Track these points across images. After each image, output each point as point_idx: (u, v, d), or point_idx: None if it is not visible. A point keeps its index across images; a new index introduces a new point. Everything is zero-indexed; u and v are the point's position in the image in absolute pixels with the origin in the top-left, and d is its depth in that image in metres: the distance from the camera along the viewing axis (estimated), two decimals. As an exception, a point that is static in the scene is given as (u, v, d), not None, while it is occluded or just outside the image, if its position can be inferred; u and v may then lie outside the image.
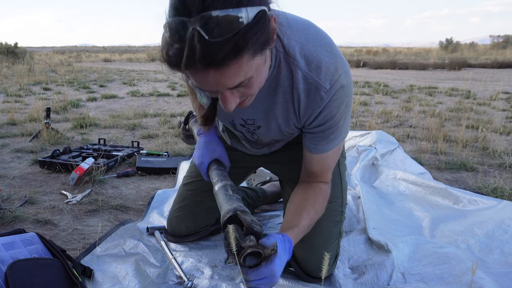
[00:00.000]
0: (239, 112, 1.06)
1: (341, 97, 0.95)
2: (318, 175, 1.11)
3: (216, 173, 1.12)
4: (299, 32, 0.93)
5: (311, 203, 1.07)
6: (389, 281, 1.20)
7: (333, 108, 0.96)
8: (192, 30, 0.67)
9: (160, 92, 6.19)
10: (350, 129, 3.26)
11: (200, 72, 0.71)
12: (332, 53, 0.93)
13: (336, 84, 0.93)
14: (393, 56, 19.25)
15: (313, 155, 1.07)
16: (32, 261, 1.11)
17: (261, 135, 1.13)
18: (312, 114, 0.97)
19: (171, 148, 2.80)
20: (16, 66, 10.76)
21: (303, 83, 0.93)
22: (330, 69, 0.92)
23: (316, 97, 0.94)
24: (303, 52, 0.92)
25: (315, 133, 1.02)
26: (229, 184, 1.05)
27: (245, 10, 0.68)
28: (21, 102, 5.11)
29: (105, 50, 43.26)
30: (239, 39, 0.68)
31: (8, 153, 2.71)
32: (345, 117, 1.00)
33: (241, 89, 0.80)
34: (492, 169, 2.35)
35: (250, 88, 0.80)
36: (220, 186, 1.05)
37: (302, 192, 1.11)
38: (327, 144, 1.03)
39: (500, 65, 12.16)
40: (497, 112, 4.36)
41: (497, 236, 1.43)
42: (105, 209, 1.79)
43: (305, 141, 1.07)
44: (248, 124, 1.09)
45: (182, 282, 1.20)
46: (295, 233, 1.01)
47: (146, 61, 18.41)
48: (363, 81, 7.79)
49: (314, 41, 0.93)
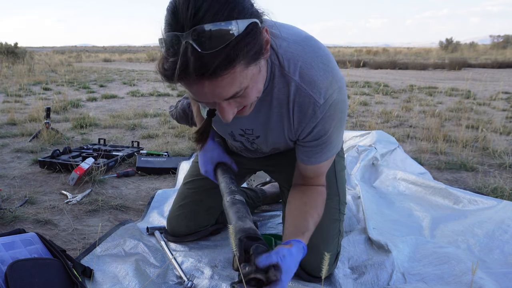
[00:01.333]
0: (238, 123, 1.07)
1: (335, 112, 0.95)
2: (313, 180, 1.12)
3: (222, 180, 1.12)
4: (295, 45, 0.93)
5: (313, 207, 1.08)
6: (389, 281, 1.20)
7: (327, 123, 0.96)
8: (185, 43, 0.70)
9: (160, 92, 6.19)
10: (350, 129, 3.26)
11: (195, 83, 0.74)
12: (328, 68, 0.93)
13: (330, 99, 0.93)
14: (393, 56, 19.25)
15: (307, 166, 1.08)
16: (32, 261, 1.11)
17: (261, 144, 1.13)
18: (306, 129, 0.98)
19: (171, 148, 2.80)
20: (16, 66, 10.77)
21: (297, 97, 0.94)
22: (324, 84, 0.92)
23: (309, 111, 0.94)
24: (298, 65, 0.92)
25: (309, 147, 1.03)
26: (237, 197, 1.04)
27: (235, 23, 0.71)
28: (21, 102, 5.11)
29: (105, 50, 43.26)
30: (230, 50, 0.70)
31: (8, 153, 2.71)
32: (338, 131, 1.01)
33: (238, 99, 0.81)
34: (492, 169, 2.35)
35: (247, 97, 0.81)
36: (228, 200, 1.04)
37: (301, 196, 1.11)
38: (320, 157, 1.04)
39: (500, 65, 12.16)
40: (497, 112, 4.36)
41: (497, 236, 1.43)
42: (105, 209, 1.79)
43: (298, 153, 1.08)
44: (247, 134, 1.10)
45: (182, 282, 1.21)
46: (306, 236, 1.01)
47: (146, 61, 18.41)
48: (363, 81, 7.79)
49: (310, 54, 0.93)
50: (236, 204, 1.01)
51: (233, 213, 0.98)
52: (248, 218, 0.96)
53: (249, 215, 0.99)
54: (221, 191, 1.10)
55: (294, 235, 0.99)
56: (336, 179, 1.27)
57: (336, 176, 1.27)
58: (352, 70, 11.48)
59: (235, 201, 1.02)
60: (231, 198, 1.03)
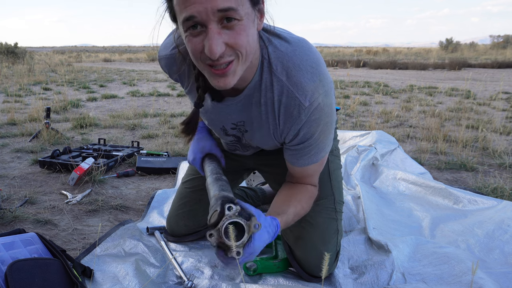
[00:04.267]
0: (228, 118, 1.08)
1: (321, 116, 0.95)
2: (302, 179, 1.13)
3: (208, 168, 1.13)
4: (288, 45, 0.94)
5: (297, 199, 1.09)
6: (389, 281, 1.20)
7: (312, 127, 0.96)
8: None
9: (160, 92, 6.19)
10: (350, 129, 3.26)
11: None
12: (316, 71, 0.93)
13: (315, 103, 0.93)
14: (393, 56, 19.26)
15: (295, 168, 1.09)
16: (32, 261, 1.11)
17: (249, 139, 1.14)
18: (291, 131, 0.98)
19: (171, 148, 2.80)
20: (16, 66, 10.77)
21: (283, 97, 0.94)
22: (310, 87, 0.92)
23: (294, 112, 0.95)
24: (286, 65, 0.92)
25: (295, 150, 1.03)
26: (221, 177, 1.05)
27: None
28: (21, 102, 5.11)
29: (105, 50, 43.25)
30: None
31: (8, 153, 2.71)
32: (325, 135, 1.00)
33: (227, 32, 0.80)
34: (492, 169, 2.35)
35: (238, 35, 0.80)
36: (211, 179, 1.05)
37: (288, 190, 1.13)
38: (307, 160, 1.05)
39: (500, 65, 12.15)
40: (497, 112, 4.36)
41: (497, 236, 1.43)
42: (105, 209, 1.79)
43: (286, 155, 1.09)
44: (239, 126, 1.11)
45: (182, 282, 1.21)
46: (283, 219, 1.01)
47: (146, 61, 18.41)
48: (363, 81, 7.79)
49: (299, 56, 0.93)
50: (222, 180, 1.02)
51: (218, 185, 0.98)
52: (231, 193, 0.96)
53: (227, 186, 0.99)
54: (206, 174, 1.11)
55: (271, 214, 1.02)
56: (330, 178, 1.27)
57: (330, 175, 1.27)
58: (352, 70, 11.48)
59: (221, 178, 1.03)
60: (216, 176, 1.04)
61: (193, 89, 1.07)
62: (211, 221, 0.85)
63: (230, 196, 0.90)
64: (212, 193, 0.96)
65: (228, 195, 0.90)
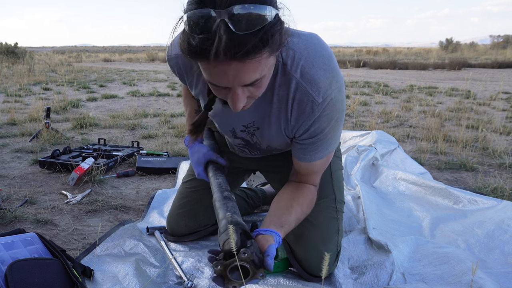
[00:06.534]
0: (240, 120, 1.07)
1: (333, 112, 0.96)
2: (306, 177, 1.13)
3: (215, 182, 1.13)
4: (299, 42, 0.93)
5: (299, 203, 1.09)
6: (389, 281, 1.20)
7: (323, 122, 0.97)
8: (220, 21, 0.68)
9: (160, 92, 6.19)
10: (350, 129, 3.26)
11: (221, 63, 0.73)
12: (329, 68, 0.93)
13: (328, 99, 0.93)
14: (393, 56, 19.25)
15: (301, 163, 1.09)
16: (32, 261, 1.11)
17: (259, 137, 1.13)
18: (303, 126, 0.99)
19: (171, 148, 2.80)
20: (16, 66, 10.77)
21: (297, 94, 0.94)
22: (324, 83, 0.92)
23: (307, 109, 0.95)
24: (300, 62, 0.92)
25: (304, 144, 1.03)
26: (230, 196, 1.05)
27: (269, 8, 0.71)
28: (21, 102, 5.11)
29: (105, 50, 43.25)
30: (264, 35, 0.70)
31: (8, 153, 2.71)
32: (334, 131, 1.01)
33: (251, 89, 0.81)
34: (492, 169, 2.35)
35: (259, 88, 0.82)
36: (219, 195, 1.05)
37: (291, 191, 1.12)
38: (315, 155, 1.05)
39: (500, 65, 12.15)
40: (497, 112, 4.36)
41: (497, 236, 1.43)
42: (105, 209, 1.79)
43: (293, 150, 1.09)
44: (249, 128, 1.10)
45: (182, 282, 1.21)
46: (286, 230, 1.03)
47: (146, 61, 18.41)
48: (363, 81, 7.79)
49: (312, 53, 0.93)
50: (231, 200, 1.02)
51: (227, 207, 0.98)
52: (240, 216, 0.97)
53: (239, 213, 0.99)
54: (211, 186, 1.12)
55: (274, 225, 1.01)
56: (331, 178, 1.27)
57: (332, 175, 1.28)
58: (352, 70, 11.48)
59: (230, 197, 1.03)
60: (222, 194, 1.04)
61: (203, 91, 1.07)
62: (224, 248, 0.87)
63: (246, 229, 0.92)
64: (222, 213, 0.97)
65: (245, 228, 0.91)
